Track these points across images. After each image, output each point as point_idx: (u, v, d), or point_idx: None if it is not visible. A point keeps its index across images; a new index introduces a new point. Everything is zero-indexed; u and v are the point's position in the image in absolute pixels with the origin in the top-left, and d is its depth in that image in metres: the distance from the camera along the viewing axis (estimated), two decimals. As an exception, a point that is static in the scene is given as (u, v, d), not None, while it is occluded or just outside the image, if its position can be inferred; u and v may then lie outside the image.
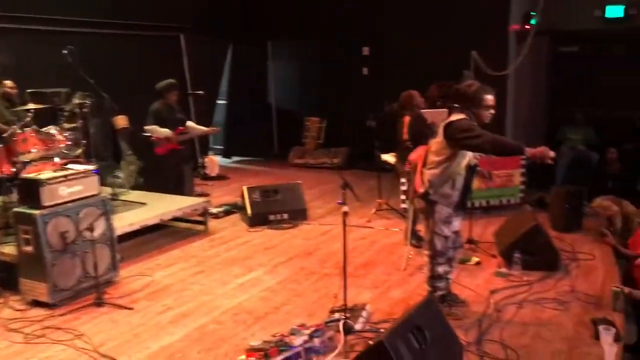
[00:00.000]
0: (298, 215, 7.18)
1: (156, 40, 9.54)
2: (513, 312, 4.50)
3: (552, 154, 3.84)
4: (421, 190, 4.28)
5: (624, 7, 9.04)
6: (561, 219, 6.60)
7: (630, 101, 9.35)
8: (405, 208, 7.01)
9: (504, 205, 7.41)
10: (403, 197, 7.09)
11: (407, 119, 6.18)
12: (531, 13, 8.80)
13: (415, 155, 4.49)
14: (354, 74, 10.84)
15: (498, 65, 8.26)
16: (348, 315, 4.18)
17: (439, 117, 6.73)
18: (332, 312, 4.43)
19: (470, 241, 5.97)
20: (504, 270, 5.30)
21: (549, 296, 4.76)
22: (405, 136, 6.19)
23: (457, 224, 4.42)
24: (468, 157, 4.22)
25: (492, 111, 4.15)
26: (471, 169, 4.27)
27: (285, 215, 7.11)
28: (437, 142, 4.23)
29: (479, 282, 5.11)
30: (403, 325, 3.32)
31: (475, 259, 5.61)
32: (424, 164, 4.32)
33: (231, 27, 11.07)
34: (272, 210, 7.08)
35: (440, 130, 4.17)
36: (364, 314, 4.38)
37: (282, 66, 11.95)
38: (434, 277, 4.43)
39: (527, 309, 4.55)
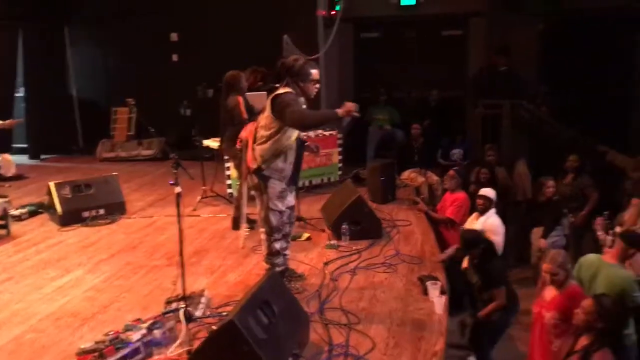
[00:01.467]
0: (116, 209, 6.68)
1: None
2: (348, 279, 4.63)
3: (353, 105, 3.88)
4: (254, 165, 4.19)
5: (414, -6, 9.88)
6: (378, 191, 6.98)
7: (424, 82, 10.28)
8: (231, 193, 6.88)
9: (326, 184, 7.66)
10: (229, 182, 6.95)
11: (240, 99, 5.99)
12: (335, -1, 9.18)
13: (245, 132, 4.39)
14: (164, 60, 10.38)
15: (309, 49, 8.44)
16: (187, 303, 3.95)
17: (258, 100, 6.72)
18: (168, 302, 4.16)
19: (299, 219, 5.98)
20: (334, 242, 5.45)
21: (378, 261, 5.00)
22: (245, 115, 5.99)
23: (290, 199, 4.42)
24: (297, 130, 4.22)
25: (318, 85, 4.19)
26: (301, 143, 4.28)
27: (102, 211, 6.55)
28: (265, 116, 4.16)
29: (312, 256, 5.19)
30: (250, 302, 3.21)
31: (306, 235, 5.70)
32: (255, 140, 4.24)
33: (19, 9, 9.86)
34: (86, 206, 6.48)
35: (268, 104, 4.12)
36: (202, 300, 4.17)
37: (83, 53, 11.00)
38: (271, 254, 4.38)
39: (361, 275, 4.72)
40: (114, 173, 7.02)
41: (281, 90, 4.09)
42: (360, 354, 3.47)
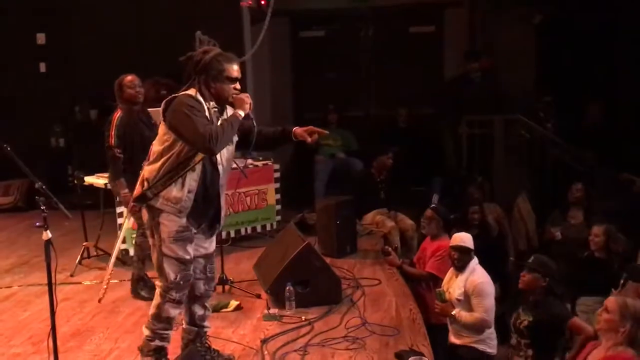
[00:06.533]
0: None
1: None
2: (297, 361, 4.55)
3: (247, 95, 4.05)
4: (137, 191, 4.09)
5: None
6: (332, 240, 6.94)
7: (387, 96, 10.37)
8: (126, 249, 6.67)
9: (259, 234, 7.65)
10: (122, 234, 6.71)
11: (115, 115, 5.85)
12: (266, -14, 9.19)
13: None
14: (26, 71, 10.12)
15: (232, 52, 8.35)
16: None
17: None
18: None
19: (222, 281, 5.92)
20: (274, 311, 5.37)
21: (338, 335, 4.93)
22: (112, 140, 5.83)
23: (207, 244, 4.29)
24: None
25: (238, 86, 4.10)
26: (212, 165, 4.13)
27: None
28: (160, 126, 4.10)
29: (244, 332, 5.11)
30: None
31: (234, 303, 5.58)
32: (148, 159, 4.22)
33: None
34: None
35: (162, 109, 4.03)
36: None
37: None
38: (158, 318, 4.14)
39: (314, 355, 4.64)
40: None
41: (181, 92, 4.03)
42: None
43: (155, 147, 4.08)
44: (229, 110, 4.11)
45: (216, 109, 4.06)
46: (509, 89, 9.47)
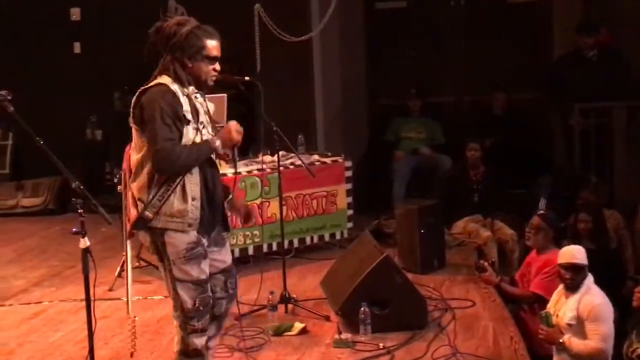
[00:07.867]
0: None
1: None
2: (374, 398, 4.57)
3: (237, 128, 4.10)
4: (132, 214, 4.07)
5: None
6: (415, 252, 6.91)
7: (485, 78, 10.28)
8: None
9: (327, 244, 7.67)
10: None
11: None
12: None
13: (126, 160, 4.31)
14: (59, 52, 10.42)
15: (296, 27, 8.43)
16: None
17: (217, 104, 6.68)
18: None
19: (285, 300, 5.95)
20: (346, 336, 5.32)
21: None
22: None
23: (222, 257, 4.30)
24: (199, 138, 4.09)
25: (217, 67, 4.09)
26: (211, 162, 4.15)
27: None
28: (133, 130, 4.10)
29: None
30: None
31: (298, 326, 5.59)
32: (130, 172, 4.21)
33: None
34: None
35: (132, 104, 4.04)
36: None
37: None
38: (187, 353, 4.18)
39: (395, 391, 4.65)
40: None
41: (152, 82, 4.02)
42: None
43: (134, 156, 4.07)
44: (210, 106, 4.17)
45: (197, 95, 4.08)
46: (633, 70, 9.27)
